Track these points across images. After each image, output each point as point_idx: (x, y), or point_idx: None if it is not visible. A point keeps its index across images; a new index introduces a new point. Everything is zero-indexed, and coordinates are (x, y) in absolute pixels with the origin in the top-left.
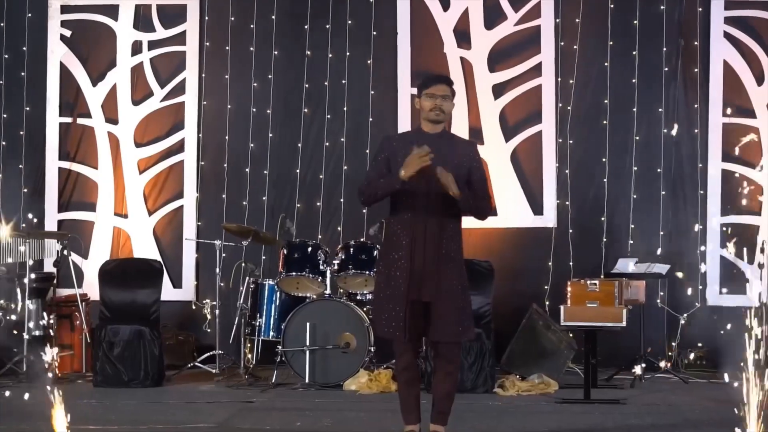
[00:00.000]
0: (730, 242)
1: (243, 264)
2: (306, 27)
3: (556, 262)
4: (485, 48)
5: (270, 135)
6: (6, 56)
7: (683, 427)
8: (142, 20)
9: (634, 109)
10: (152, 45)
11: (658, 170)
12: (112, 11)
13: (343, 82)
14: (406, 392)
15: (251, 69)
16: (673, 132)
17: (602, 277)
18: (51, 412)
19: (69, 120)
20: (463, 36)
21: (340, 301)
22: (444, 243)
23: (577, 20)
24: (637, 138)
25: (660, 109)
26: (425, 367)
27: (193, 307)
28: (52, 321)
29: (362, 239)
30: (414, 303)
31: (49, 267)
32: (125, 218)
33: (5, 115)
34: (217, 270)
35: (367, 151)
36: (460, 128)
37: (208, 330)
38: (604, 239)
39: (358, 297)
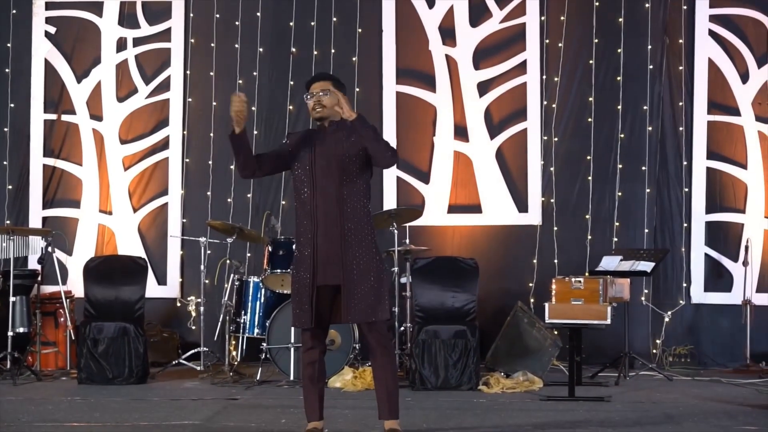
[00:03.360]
0: (714, 240)
1: (228, 261)
2: (291, 24)
3: (540, 259)
4: (470, 45)
5: (255, 132)
6: None
7: (667, 424)
8: (126, 17)
9: (619, 107)
10: (137, 42)
11: (643, 168)
12: (97, 8)
13: None
14: (311, 389)
15: (236, 66)
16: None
17: (587, 274)
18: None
19: (54, 117)
20: (448, 33)
21: None
22: (346, 225)
23: (562, 18)
24: (622, 136)
25: (645, 107)
26: (409, 364)
27: (178, 304)
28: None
29: None
30: (320, 289)
31: (33, 264)
32: (110, 215)
33: None
34: (202, 267)
35: None
36: (444, 126)
37: (193, 327)
38: (589, 237)
39: None
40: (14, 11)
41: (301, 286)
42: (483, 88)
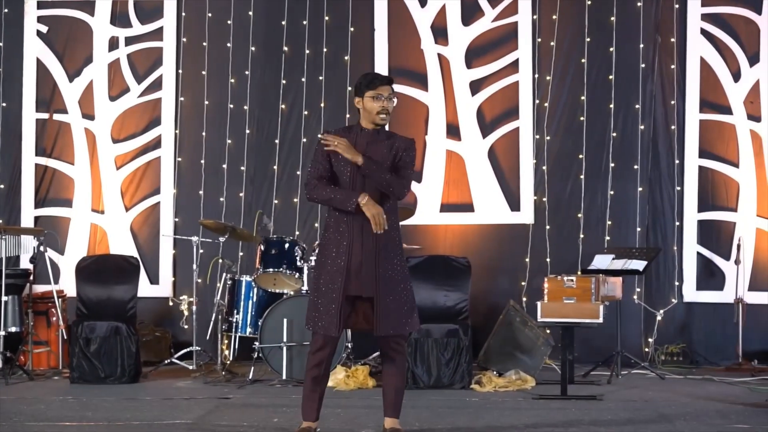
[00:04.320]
0: (706, 238)
1: (220, 260)
2: (283, 23)
3: (533, 258)
4: (462, 44)
5: (247, 131)
6: None
7: (659, 423)
8: (118, 16)
9: (611, 106)
10: (129, 41)
11: (635, 167)
12: (89, 7)
13: (321, 78)
14: (312, 389)
15: (228, 65)
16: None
17: (579, 273)
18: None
19: (45, 116)
20: (440, 32)
21: None
22: (381, 236)
23: (554, 17)
24: (614, 134)
25: (637, 106)
26: (410, 365)
27: (170, 304)
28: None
29: None
30: (351, 300)
31: (25, 263)
32: (102, 214)
33: None
34: (194, 266)
35: None
36: (436, 125)
37: (185, 326)
38: (581, 235)
39: None
40: (6, 10)
41: (330, 293)
42: (475, 86)
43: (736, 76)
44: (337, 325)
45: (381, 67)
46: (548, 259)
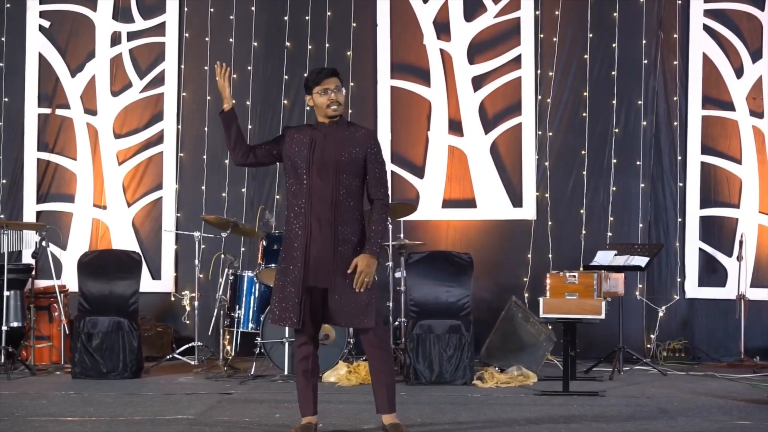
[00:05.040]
0: (709, 235)
1: (222, 255)
2: (285, 18)
3: (535, 254)
4: (465, 40)
5: (249, 126)
6: None
7: (661, 419)
8: (121, 11)
9: (614, 102)
10: (131, 36)
11: (638, 163)
12: (91, 2)
13: None
14: (305, 383)
15: (231, 60)
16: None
17: (581, 269)
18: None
19: (48, 111)
20: (442, 28)
21: None
22: (339, 228)
23: (556, 12)
24: (617, 130)
25: (639, 102)
26: (404, 359)
27: (172, 299)
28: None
29: None
30: (311, 290)
31: (27, 258)
32: (104, 209)
33: None
34: (196, 261)
35: None
36: (439, 120)
37: (187, 321)
38: (584, 231)
39: None
40: (8, 5)
41: (289, 285)
42: (477, 82)
43: (739, 72)
44: (299, 317)
45: (383, 62)
46: (550, 255)
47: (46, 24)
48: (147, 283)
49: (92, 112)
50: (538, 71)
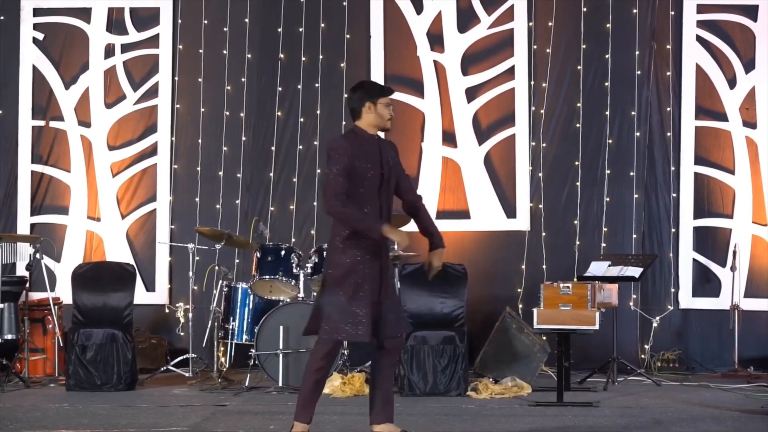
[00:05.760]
0: (702, 245)
1: (216, 267)
2: (279, 30)
3: (529, 265)
4: (458, 51)
5: (243, 138)
6: None
7: (655, 429)
8: (114, 23)
9: (607, 113)
10: (125, 48)
11: (631, 173)
12: (85, 14)
13: (317, 85)
14: (313, 392)
15: (224, 72)
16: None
17: (575, 280)
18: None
19: (41, 123)
20: (436, 39)
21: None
22: (389, 247)
23: (550, 24)
24: (610, 141)
25: (633, 113)
26: (398, 370)
27: (166, 311)
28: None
29: None
30: (374, 305)
31: (21, 270)
32: (98, 221)
33: None
34: (191, 273)
35: None
36: (432, 132)
37: (181, 333)
38: (577, 242)
39: None
40: (2, 17)
41: (361, 299)
42: (471, 93)
43: (732, 82)
44: (368, 330)
45: (377, 74)
46: (544, 266)
47: (40, 36)
48: (141, 295)
49: (86, 124)
50: (532, 82)
